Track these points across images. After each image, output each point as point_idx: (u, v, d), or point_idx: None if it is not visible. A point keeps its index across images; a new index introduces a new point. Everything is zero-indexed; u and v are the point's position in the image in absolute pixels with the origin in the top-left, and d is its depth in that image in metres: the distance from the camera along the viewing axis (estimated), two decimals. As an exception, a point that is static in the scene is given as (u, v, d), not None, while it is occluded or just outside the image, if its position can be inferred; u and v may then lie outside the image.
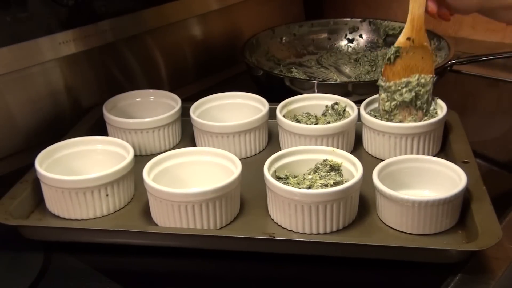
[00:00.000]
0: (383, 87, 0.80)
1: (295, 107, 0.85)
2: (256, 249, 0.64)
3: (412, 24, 0.77)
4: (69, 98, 0.93)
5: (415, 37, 0.77)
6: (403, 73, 0.79)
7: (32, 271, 0.64)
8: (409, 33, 0.77)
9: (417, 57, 0.78)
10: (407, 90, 0.79)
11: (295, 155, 0.72)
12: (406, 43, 0.78)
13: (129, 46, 0.99)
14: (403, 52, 0.78)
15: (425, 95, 0.79)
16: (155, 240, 0.65)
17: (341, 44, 1.16)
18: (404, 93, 0.79)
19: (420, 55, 0.78)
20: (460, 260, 0.61)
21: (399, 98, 0.79)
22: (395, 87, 0.79)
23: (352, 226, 0.67)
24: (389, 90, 0.79)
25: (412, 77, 0.79)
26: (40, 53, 0.87)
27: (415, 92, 0.78)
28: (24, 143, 0.87)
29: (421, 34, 0.77)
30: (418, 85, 0.78)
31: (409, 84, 0.79)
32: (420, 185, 0.70)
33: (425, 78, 0.79)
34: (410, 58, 0.78)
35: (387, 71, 0.79)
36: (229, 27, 1.16)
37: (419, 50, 0.78)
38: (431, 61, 0.79)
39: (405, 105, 0.79)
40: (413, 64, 0.78)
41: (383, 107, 0.80)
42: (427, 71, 0.79)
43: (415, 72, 0.79)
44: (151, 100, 0.90)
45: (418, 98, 0.79)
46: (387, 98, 0.79)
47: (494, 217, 0.63)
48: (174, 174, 0.72)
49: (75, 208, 0.69)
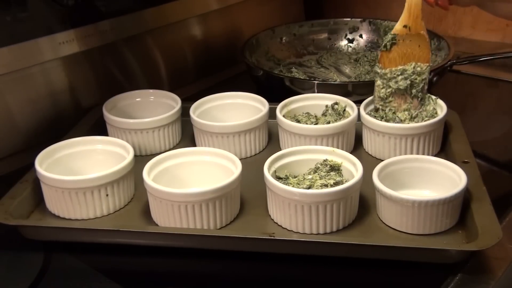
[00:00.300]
0: (379, 73, 0.80)
1: (295, 107, 0.85)
2: (256, 249, 0.64)
3: (409, 11, 0.77)
4: (69, 98, 0.93)
5: (412, 24, 0.78)
6: (399, 60, 0.79)
7: (32, 271, 0.64)
8: (406, 21, 0.78)
9: (413, 45, 0.78)
10: (402, 78, 0.79)
11: (295, 155, 0.72)
12: (402, 30, 0.78)
13: (129, 46, 0.99)
14: (399, 39, 0.78)
15: (421, 83, 0.79)
16: (155, 240, 0.65)
17: (341, 44, 1.16)
18: (400, 80, 0.79)
19: (417, 43, 0.78)
20: (460, 260, 0.61)
21: (394, 85, 0.79)
22: (391, 74, 0.79)
23: (352, 226, 0.67)
24: (384, 77, 0.80)
25: (408, 65, 0.79)
26: (40, 53, 0.87)
27: (410, 80, 0.79)
28: (24, 143, 0.87)
29: (417, 21, 0.78)
30: (414, 73, 0.79)
31: (405, 72, 0.79)
32: (420, 185, 0.70)
33: (421, 67, 0.79)
34: (406, 46, 0.78)
35: (383, 58, 0.80)
36: (229, 27, 1.16)
37: (416, 38, 0.78)
38: (428, 50, 0.79)
39: (400, 92, 0.79)
40: (409, 52, 0.79)
41: (379, 94, 0.80)
42: (424, 59, 0.79)
43: (411, 60, 0.79)
44: (151, 100, 0.90)
45: (413, 86, 0.79)
46: (383, 85, 0.80)
47: (494, 217, 0.63)
48: (174, 174, 0.72)
49: (75, 208, 0.69)
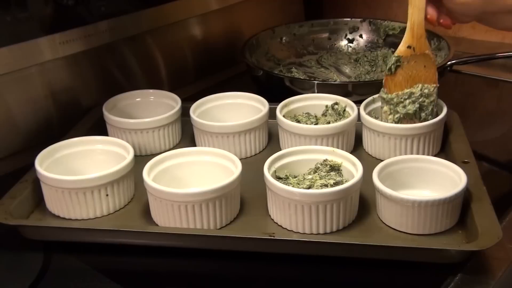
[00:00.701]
0: (385, 99, 0.77)
1: (295, 107, 0.85)
2: (256, 249, 0.64)
3: (412, 31, 0.75)
4: (69, 98, 0.93)
5: (416, 44, 0.75)
6: (405, 83, 0.76)
7: (32, 271, 0.64)
8: (410, 41, 0.75)
9: (419, 66, 0.76)
10: (410, 102, 0.76)
11: (295, 155, 0.72)
12: (406, 51, 0.76)
13: (129, 46, 0.99)
14: (404, 61, 0.76)
15: (430, 106, 0.76)
16: (155, 240, 0.65)
17: (341, 44, 1.16)
18: (408, 104, 0.76)
19: (422, 64, 0.76)
20: (460, 260, 0.61)
21: (402, 110, 0.76)
22: (398, 99, 0.77)
23: (352, 226, 0.67)
24: (391, 102, 0.77)
25: (415, 88, 0.76)
26: (40, 53, 0.87)
27: (419, 103, 0.76)
28: (24, 143, 0.87)
29: (421, 41, 0.75)
30: (421, 96, 0.76)
31: (412, 95, 0.76)
32: (420, 185, 0.70)
33: (428, 88, 0.76)
34: (411, 67, 0.76)
35: (388, 82, 0.77)
36: (229, 27, 1.16)
37: (421, 59, 0.76)
38: (434, 70, 0.76)
39: (409, 117, 0.77)
40: (415, 74, 0.76)
41: (386, 121, 0.78)
42: (430, 80, 0.76)
43: (417, 82, 0.76)
44: (151, 100, 0.90)
45: (422, 110, 0.76)
46: (390, 111, 0.77)
47: (494, 217, 0.63)
48: (174, 174, 0.72)
49: (75, 208, 0.69)
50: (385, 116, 0.78)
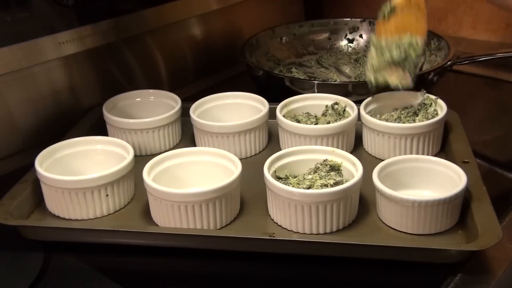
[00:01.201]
0: (373, 42, 0.80)
1: (295, 107, 0.85)
2: (256, 249, 0.64)
3: None
4: (69, 98, 0.93)
5: None
6: (395, 31, 0.79)
7: (32, 271, 0.64)
8: None
9: (411, 16, 0.78)
10: (397, 48, 0.78)
11: (295, 155, 0.72)
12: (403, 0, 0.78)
13: (129, 46, 0.99)
14: (398, 10, 0.78)
15: (415, 58, 0.79)
16: (155, 240, 0.65)
17: (341, 44, 1.16)
18: (394, 50, 0.79)
19: (414, 16, 0.78)
20: (460, 260, 0.61)
21: (387, 55, 0.79)
22: (386, 44, 0.79)
23: (352, 226, 0.67)
24: (379, 46, 0.79)
25: (404, 36, 0.78)
26: (40, 53, 0.87)
27: (404, 52, 0.78)
28: (24, 143, 0.87)
29: None
30: (409, 45, 0.78)
31: (400, 42, 0.78)
32: (420, 185, 0.70)
33: (416, 40, 0.78)
34: (404, 17, 0.78)
35: (379, 27, 0.79)
36: (229, 27, 1.16)
37: (414, 10, 0.78)
38: (425, 24, 0.79)
39: (393, 63, 0.79)
40: (406, 24, 0.78)
41: (371, 63, 0.80)
42: (420, 32, 0.78)
43: (407, 31, 0.78)
44: (151, 100, 0.90)
45: (407, 60, 0.79)
46: (377, 54, 0.80)
47: (494, 217, 0.63)
48: (174, 174, 0.72)
49: (75, 208, 0.69)
50: (370, 58, 0.80)
